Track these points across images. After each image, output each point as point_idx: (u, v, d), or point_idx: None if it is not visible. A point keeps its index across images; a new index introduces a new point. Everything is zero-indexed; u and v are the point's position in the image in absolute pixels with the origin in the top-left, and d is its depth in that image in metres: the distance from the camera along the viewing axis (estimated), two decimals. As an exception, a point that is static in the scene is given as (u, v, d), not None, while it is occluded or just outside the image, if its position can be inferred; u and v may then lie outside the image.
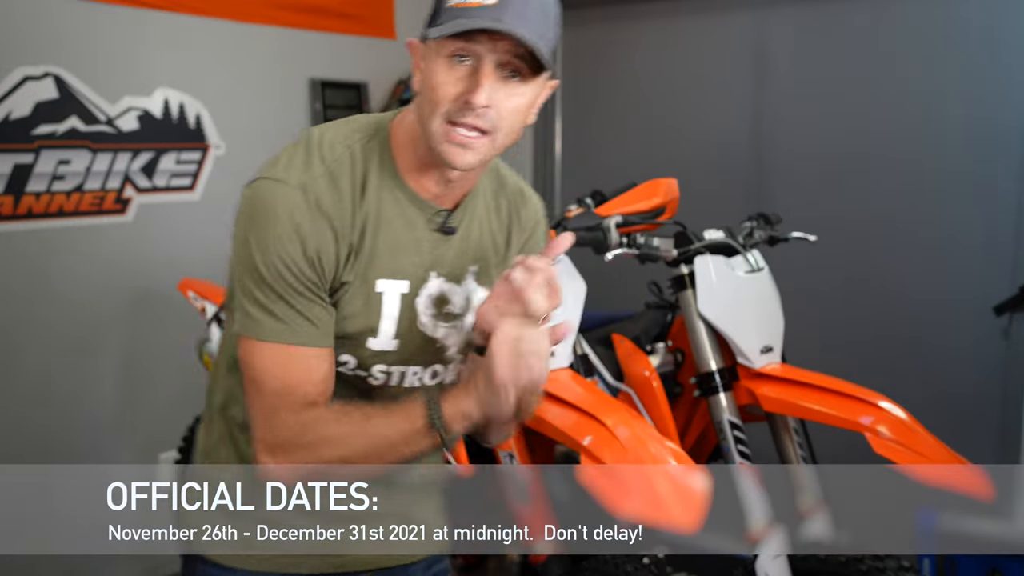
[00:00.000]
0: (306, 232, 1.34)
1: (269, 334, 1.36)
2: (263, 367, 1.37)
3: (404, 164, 1.41)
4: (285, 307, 1.35)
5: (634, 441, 2.01)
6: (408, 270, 1.43)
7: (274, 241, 1.33)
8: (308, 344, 1.37)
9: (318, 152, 1.38)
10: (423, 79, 1.34)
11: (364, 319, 1.42)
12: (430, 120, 1.32)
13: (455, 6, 1.28)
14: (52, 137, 3.17)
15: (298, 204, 1.33)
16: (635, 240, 2.39)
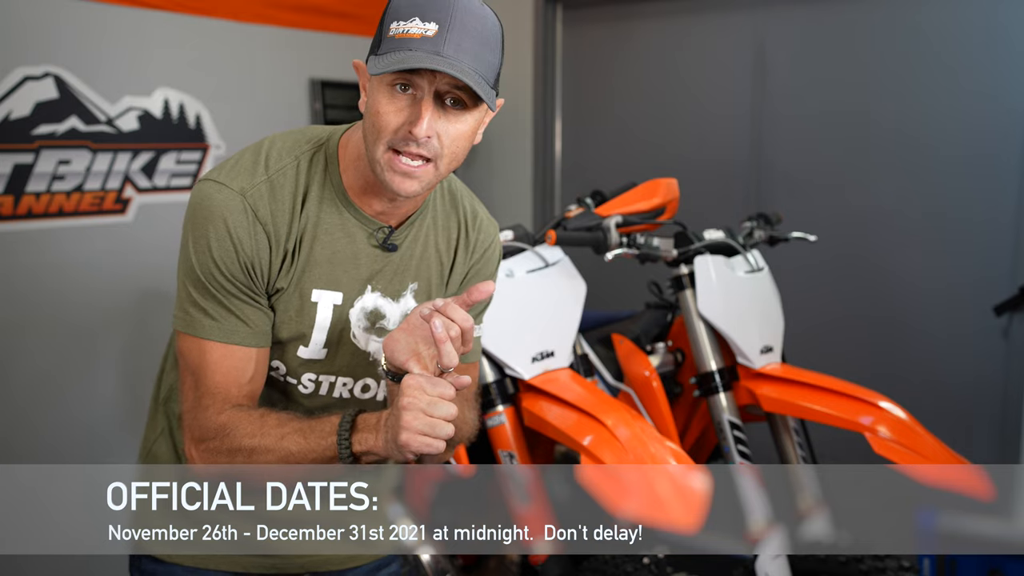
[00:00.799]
0: (240, 237, 1.37)
1: (202, 331, 1.39)
2: (196, 362, 1.41)
3: (349, 181, 1.43)
4: (218, 306, 1.39)
5: (634, 441, 2.02)
6: (344, 282, 1.45)
7: (209, 242, 1.37)
8: (240, 343, 1.40)
9: (264, 160, 1.41)
10: (368, 104, 1.35)
11: (296, 326, 1.45)
12: (374, 147, 1.34)
13: (396, 36, 1.29)
14: (52, 137, 3.17)
15: (235, 209, 1.37)
16: (635, 240, 2.39)
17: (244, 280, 1.39)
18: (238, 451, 1.39)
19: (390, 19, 1.32)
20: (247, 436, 1.38)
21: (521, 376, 2.21)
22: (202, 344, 1.40)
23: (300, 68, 3.94)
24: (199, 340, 1.40)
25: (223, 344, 1.39)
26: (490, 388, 2.22)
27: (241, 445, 1.38)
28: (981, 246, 3.33)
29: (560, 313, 2.28)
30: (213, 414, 1.40)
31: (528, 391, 2.23)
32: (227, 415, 1.40)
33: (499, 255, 1.65)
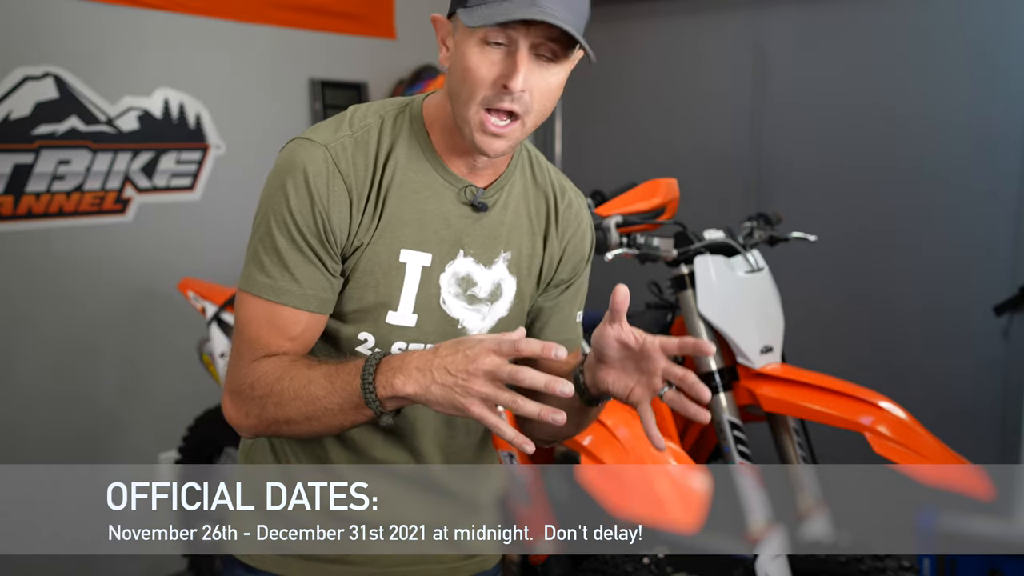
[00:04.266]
0: (318, 186, 1.33)
1: (254, 287, 1.35)
2: (244, 317, 1.37)
3: (436, 138, 1.40)
4: (277, 263, 1.34)
5: (634, 441, 2.01)
6: (433, 243, 1.40)
7: (287, 191, 1.34)
8: (288, 304, 1.35)
9: (349, 120, 1.39)
10: (454, 60, 1.32)
11: (385, 288, 1.39)
12: (466, 106, 1.30)
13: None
14: (52, 137, 3.17)
15: (317, 159, 1.34)
16: (635, 240, 2.39)
17: (316, 233, 1.34)
18: (266, 397, 1.34)
19: None
20: (276, 379, 1.34)
21: None
22: (251, 300, 1.36)
23: (300, 68, 3.94)
24: (249, 296, 1.36)
25: (270, 302, 1.35)
26: None
27: (270, 390, 1.34)
28: (981, 246, 3.34)
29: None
30: (246, 364, 1.37)
31: None
32: (259, 365, 1.35)
33: (592, 232, 1.60)
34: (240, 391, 1.37)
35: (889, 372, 3.46)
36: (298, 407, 1.32)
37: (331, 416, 1.31)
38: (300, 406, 1.32)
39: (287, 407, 1.33)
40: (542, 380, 1.19)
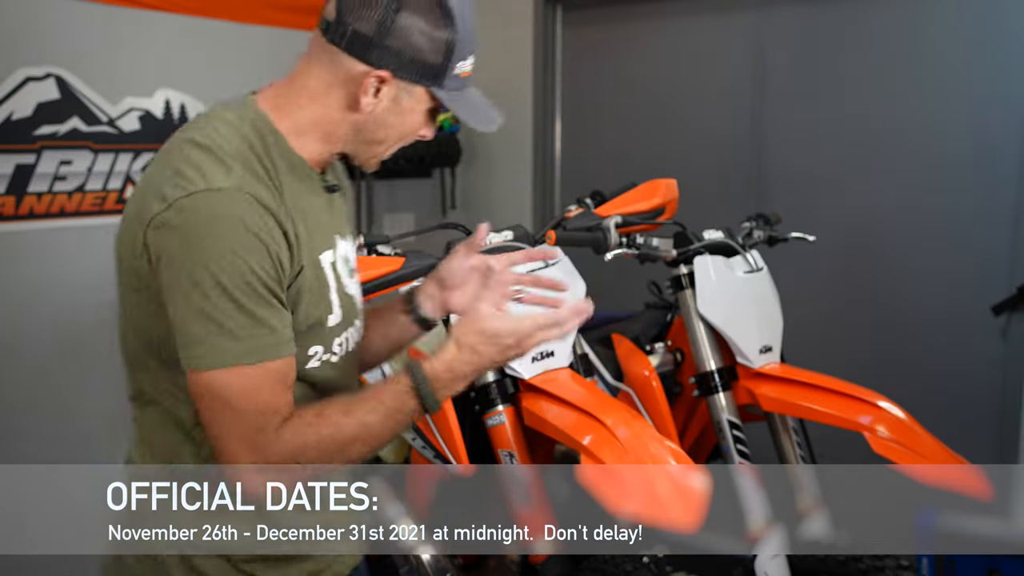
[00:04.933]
0: (261, 234, 1.30)
1: (234, 359, 1.30)
2: (235, 392, 1.31)
3: (294, 144, 1.42)
4: (247, 322, 1.29)
5: (634, 441, 2.02)
6: (327, 238, 1.47)
7: (235, 249, 1.28)
8: (276, 357, 1.33)
9: (218, 153, 1.33)
10: (395, 116, 1.42)
11: (323, 296, 1.44)
12: (386, 145, 1.45)
13: (462, 75, 1.41)
14: (54, 137, 3.18)
15: (245, 207, 1.29)
16: (635, 240, 2.39)
17: (275, 278, 1.32)
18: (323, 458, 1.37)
19: (455, 56, 1.38)
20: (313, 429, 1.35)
21: (521, 375, 2.21)
22: (233, 373, 1.30)
23: (301, 69, 3.95)
24: (228, 371, 1.30)
25: (257, 364, 1.31)
26: (490, 387, 2.22)
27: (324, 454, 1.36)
28: (980, 246, 3.34)
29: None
30: (272, 437, 1.34)
31: (528, 391, 2.23)
32: (286, 428, 1.35)
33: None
34: (276, 461, 1.35)
35: (888, 372, 3.45)
36: (360, 448, 1.39)
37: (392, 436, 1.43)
38: (362, 446, 1.39)
39: (348, 454, 1.38)
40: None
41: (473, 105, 1.45)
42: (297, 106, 1.43)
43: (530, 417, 2.19)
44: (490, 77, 4.87)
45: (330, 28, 1.40)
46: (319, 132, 1.43)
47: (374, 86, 1.38)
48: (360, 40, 1.37)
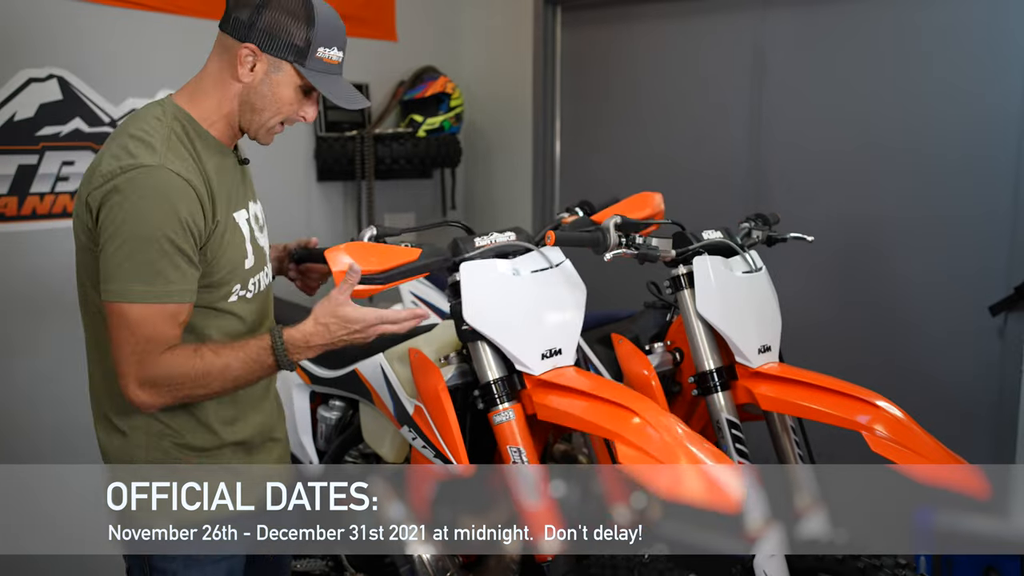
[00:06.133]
0: (180, 201, 1.68)
1: (141, 297, 1.68)
2: (135, 320, 1.69)
3: (213, 131, 1.83)
4: (153, 270, 1.67)
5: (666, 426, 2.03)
6: (241, 200, 1.88)
7: (155, 215, 1.66)
8: (175, 302, 1.71)
9: (153, 137, 1.73)
10: (264, 85, 1.80)
11: (239, 246, 1.84)
12: (268, 117, 1.83)
13: (325, 60, 1.81)
14: (56, 138, 3.19)
15: (168, 181, 1.68)
16: (634, 240, 2.40)
17: (183, 238, 1.69)
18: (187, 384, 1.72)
19: (317, 42, 1.78)
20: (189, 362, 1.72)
21: (532, 372, 2.21)
22: (138, 307, 1.69)
23: (302, 69, 3.96)
24: (135, 305, 1.69)
25: (159, 304, 1.69)
26: (495, 385, 2.22)
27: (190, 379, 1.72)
28: (977, 246, 3.34)
29: (566, 312, 2.29)
30: (156, 357, 1.70)
31: (535, 387, 2.23)
32: (169, 355, 1.71)
33: None
34: (155, 382, 1.71)
35: (886, 371, 3.46)
36: (221, 384, 1.75)
37: (248, 382, 1.79)
38: (222, 384, 1.75)
39: (210, 387, 1.74)
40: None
41: (338, 86, 1.83)
42: (204, 95, 1.82)
43: (544, 411, 2.19)
44: (490, 77, 4.92)
45: (222, 20, 1.81)
46: (222, 113, 1.82)
47: (249, 60, 1.77)
48: (239, 24, 1.77)
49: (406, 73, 4.28)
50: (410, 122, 4.16)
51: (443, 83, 4.20)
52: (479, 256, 2.21)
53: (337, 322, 1.77)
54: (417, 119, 4.14)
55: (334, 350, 1.85)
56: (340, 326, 1.77)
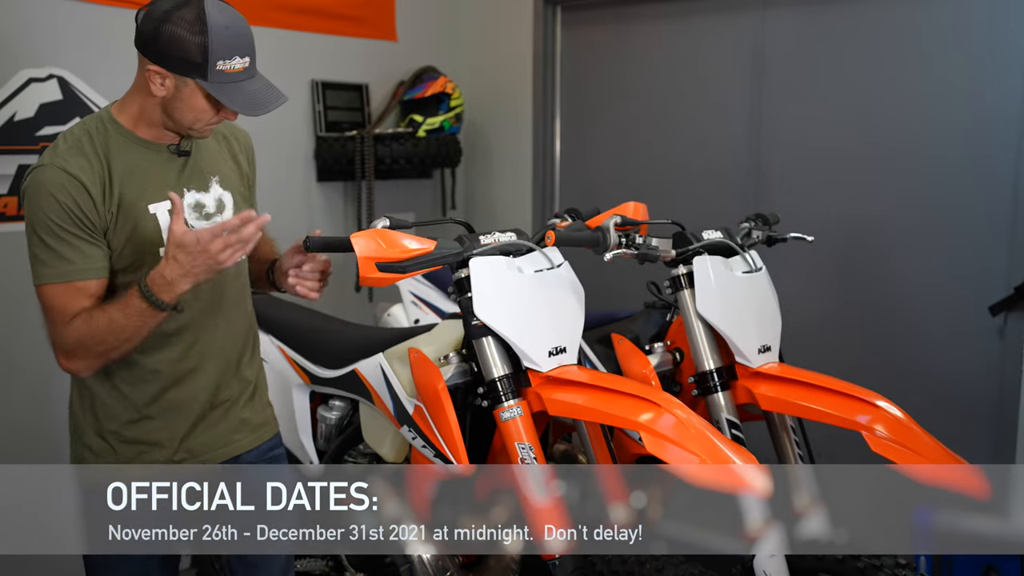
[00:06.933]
0: (58, 193, 1.85)
1: (44, 278, 1.89)
2: (46, 301, 1.91)
3: (132, 123, 1.97)
4: (51, 256, 1.88)
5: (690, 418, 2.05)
6: (162, 192, 1.96)
7: (41, 204, 1.86)
8: (73, 280, 1.88)
9: (63, 141, 1.93)
10: (178, 98, 1.90)
11: (151, 234, 1.94)
12: (190, 122, 1.93)
13: (226, 71, 1.88)
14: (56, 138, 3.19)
15: (55, 178, 1.85)
16: (634, 240, 2.40)
17: (73, 223, 1.86)
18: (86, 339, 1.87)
19: (214, 57, 1.85)
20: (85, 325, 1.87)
21: (540, 369, 2.21)
22: (46, 288, 1.90)
23: (302, 70, 3.96)
24: (43, 286, 1.90)
25: (59, 283, 1.88)
26: (501, 382, 2.22)
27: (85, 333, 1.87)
28: (977, 246, 3.34)
29: (569, 312, 2.30)
30: (63, 328, 1.88)
31: (541, 384, 2.23)
32: (71, 324, 1.88)
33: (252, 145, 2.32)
34: (68, 349, 1.90)
35: (886, 371, 3.46)
36: (114, 338, 1.86)
37: (138, 330, 1.87)
38: (115, 337, 1.86)
39: (107, 342, 1.87)
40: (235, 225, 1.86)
41: (242, 94, 1.91)
42: (131, 102, 1.97)
43: (556, 406, 2.19)
44: (490, 77, 4.92)
45: (135, 36, 1.93)
46: (145, 117, 1.96)
47: (156, 79, 1.88)
48: (145, 46, 1.90)
49: (406, 73, 4.28)
50: (410, 122, 4.16)
51: (443, 83, 4.21)
52: (486, 253, 2.22)
53: (180, 250, 1.82)
54: (417, 119, 4.15)
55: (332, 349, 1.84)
56: (184, 253, 1.82)
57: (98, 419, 2.03)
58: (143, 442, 2.03)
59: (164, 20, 1.85)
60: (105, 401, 2.02)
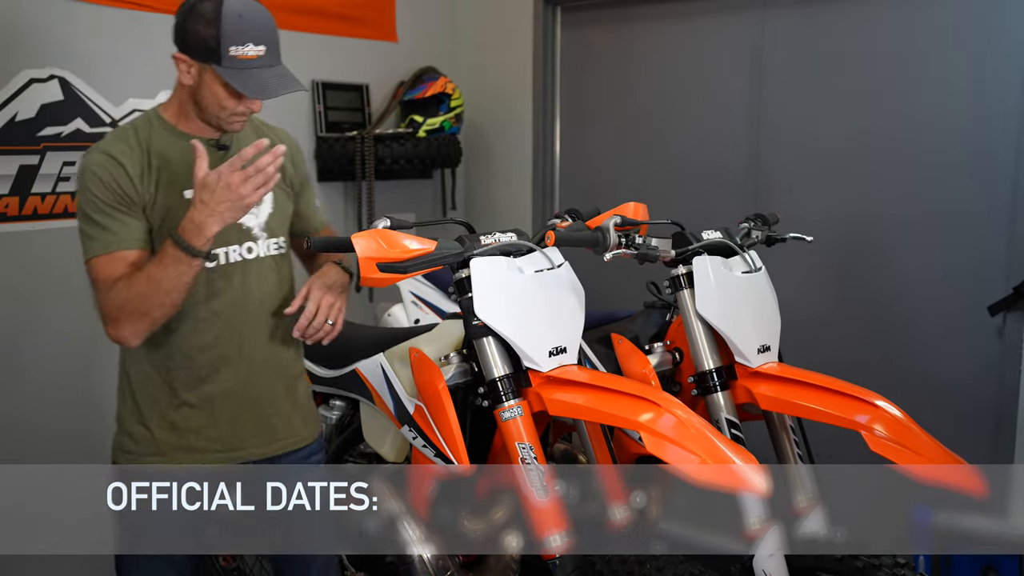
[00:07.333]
0: (101, 174, 2.00)
1: (89, 252, 2.03)
2: (93, 274, 2.02)
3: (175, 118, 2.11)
4: (99, 228, 2.01)
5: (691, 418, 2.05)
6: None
7: (87, 186, 2.01)
8: (114, 251, 2.01)
9: (110, 133, 2.11)
10: (203, 88, 2.03)
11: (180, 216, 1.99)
12: (217, 112, 2.04)
13: (239, 58, 1.98)
14: (57, 139, 3.20)
15: (99, 160, 2.02)
16: (633, 240, 2.40)
17: (114, 198, 2.00)
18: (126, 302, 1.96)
19: (227, 42, 1.96)
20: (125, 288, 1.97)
21: (540, 369, 2.21)
22: (92, 261, 2.02)
23: (303, 70, 3.92)
24: (90, 260, 2.02)
25: (102, 256, 2.01)
26: (502, 382, 2.22)
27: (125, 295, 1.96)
28: (976, 247, 3.34)
29: (569, 312, 2.30)
30: (105, 294, 1.99)
31: (542, 384, 2.23)
32: (112, 289, 1.98)
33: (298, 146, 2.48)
34: (112, 315, 1.99)
35: (885, 371, 3.46)
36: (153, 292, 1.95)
37: (175, 281, 1.95)
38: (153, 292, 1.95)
39: (147, 300, 1.95)
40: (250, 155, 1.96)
41: (255, 80, 1.99)
42: (173, 98, 2.12)
43: (556, 406, 2.19)
44: (490, 77, 4.92)
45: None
46: (184, 111, 2.10)
47: (183, 66, 2.03)
48: (176, 36, 2.04)
49: (406, 73, 4.28)
50: (410, 122, 4.16)
51: (443, 83, 4.21)
52: (487, 253, 2.22)
53: (204, 191, 1.93)
54: (417, 119, 4.15)
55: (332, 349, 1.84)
56: (208, 192, 1.92)
57: (139, 407, 2.12)
58: (180, 428, 2.11)
59: (190, 11, 2.00)
60: (144, 387, 2.13)
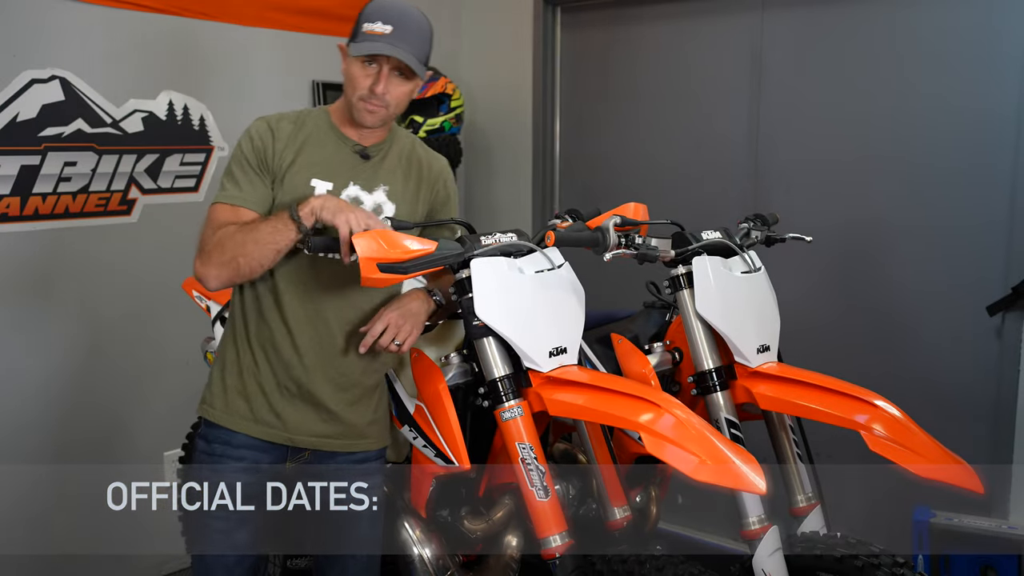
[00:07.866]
0: (256, 139, 2.23)
1: (221, 198, 2.20)
2: (214, 215, 2.20)
3: (337, 119, 2.30)
4: (233, 181, 2.21)
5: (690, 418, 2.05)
6: (332, 175, 2.26)
7: (243, 141, 2.24)
8: (240, 205, 2.19)
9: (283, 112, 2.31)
10: (347, 71, 2.22)
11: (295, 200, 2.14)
12: (352, 97, 2.21)
13: (368, 33, 2.15)
14: (58, 139, 3.20)
15: (258, 126, 2.25)
16: (633, 240, 2.40)
17: (256, 159, 2.21)
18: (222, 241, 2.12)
19: (363, 20, 2.17)
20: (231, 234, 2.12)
21: (540, 369, 2.21)
22: (219, 206, 2.19)
23: (303, 70, 3.97)
24: (218, 204, 2.20)
25: (230, 205, 2.18)
26: (502, 382, 2.23)
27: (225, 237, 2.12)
28: (975, 247, 3.34)
29: (570, 312, 2.30)
30: (210, 232, 2.16)
31: (542, 384, 2.24)
32: (221, 231, 2.14)
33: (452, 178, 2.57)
34: (207, 250, 2.14)
35: (884, 371, 3.46)
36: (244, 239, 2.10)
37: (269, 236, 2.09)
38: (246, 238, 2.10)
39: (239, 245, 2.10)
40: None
41: (364, 45, 2.14)
42: (340, 99, 2.31)
43: (557, 406, 2.19)
44: (490, 78, 4.91)
45: None
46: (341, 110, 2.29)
47: (342, 54, 2.23)
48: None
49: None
50: (410, 123, 4.16)
51: (443, 84, 4.21)
52: (487, 254, 2.22)
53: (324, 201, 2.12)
54: (417, 120, 4.15)
55: None
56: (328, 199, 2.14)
57: (223, 370, 2.30)
58: (244, 389, 2.26)
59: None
60: (226, 352, 2.32)
